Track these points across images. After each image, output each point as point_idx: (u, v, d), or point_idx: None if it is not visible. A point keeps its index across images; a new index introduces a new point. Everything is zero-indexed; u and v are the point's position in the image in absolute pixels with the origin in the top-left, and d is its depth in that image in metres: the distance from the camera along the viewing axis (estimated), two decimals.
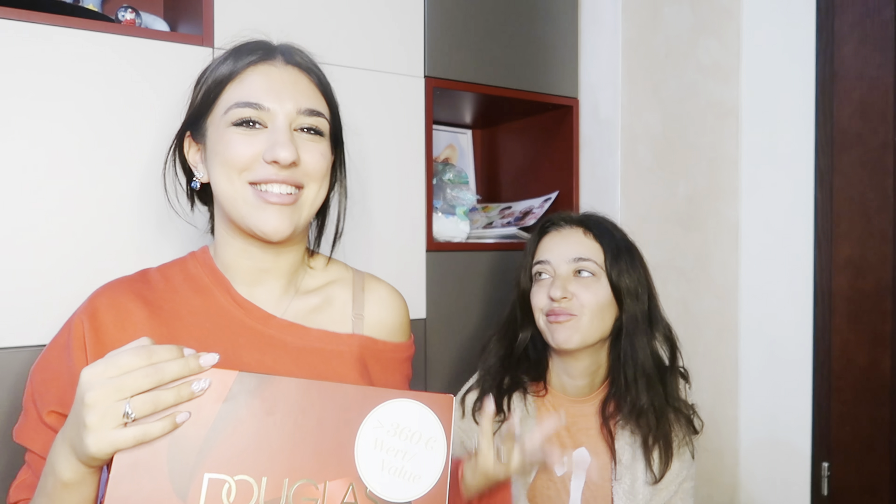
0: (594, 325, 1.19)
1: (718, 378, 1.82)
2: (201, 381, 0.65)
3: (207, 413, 0.66)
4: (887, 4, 1.61)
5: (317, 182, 0.85)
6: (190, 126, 0.88)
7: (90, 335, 0.81)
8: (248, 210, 0.81)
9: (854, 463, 1.67)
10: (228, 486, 0.66)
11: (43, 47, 1.07)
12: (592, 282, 1.20)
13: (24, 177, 1.06)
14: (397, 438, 0.72)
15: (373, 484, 0.71)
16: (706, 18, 1.77)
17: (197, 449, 0.66)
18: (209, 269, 0.89)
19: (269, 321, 0.87)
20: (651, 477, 1.19)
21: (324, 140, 0.86)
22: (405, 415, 0.72)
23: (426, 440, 0.73)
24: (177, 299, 0.86)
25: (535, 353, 1.28)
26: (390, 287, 1.01)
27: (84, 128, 1.10)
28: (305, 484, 0.68)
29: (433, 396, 0.74)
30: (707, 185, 1.79)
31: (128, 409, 0.62)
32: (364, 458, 0.71)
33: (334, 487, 0.69)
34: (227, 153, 0.81)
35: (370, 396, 0.72)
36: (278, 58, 0.85)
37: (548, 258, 1.23)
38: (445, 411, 0.74)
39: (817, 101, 1.71)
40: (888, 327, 1.62)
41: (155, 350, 0.64)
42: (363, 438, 0.71)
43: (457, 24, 1.50)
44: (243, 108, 0.81)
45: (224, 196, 0.83)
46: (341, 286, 0.96)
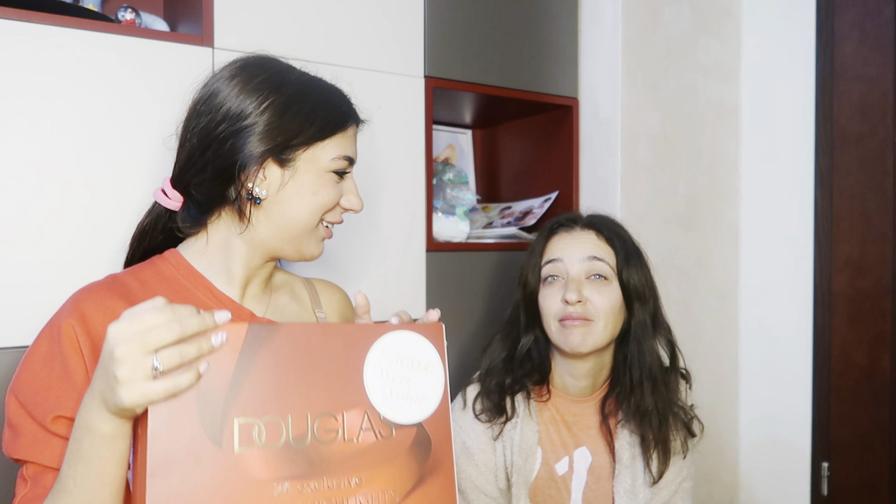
0: (607, 329, 1.19)
1: (718, 378, 1.82)
2: (219, 335, 0.69)
3: (227, 364, 0.71)
4: (887, 4, 1.61)
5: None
6: (282, 150, 0.89)
7: (83, 338, 0.81)
8: (311, 239, 0.92)
9: (854, 463, 1.67)
10: (258, 427, 0.71)
11: (43, 47, 1.07)
12: (605, 285, 1.19)
13: (23, 177, 1.06)
14: (400, 366, 0.80)
15: (385, 410, 0.78)
16: (706, 18, 1.77)
17: (223, 398, 0.70)
18: (186, 270, 0.91)
19: (252, 319, 0.93)
20: (650, 478, 1.19)
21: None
22: (403, 344, 0.81)
23: (425, 365, 0.81)
24: None
25: (539, 355, 1.27)
26: (332, 283, 1.11)
27: (83, 128, 1.10)
28: (326, 416, 0.75)
29: (424, 326, 0.83)
30: (707, 185, 1.79)
31: (155, 362, 0.65)
32: (373, 387, 0.78)
33: (352, 417, 0.76)
34: (326, 197, 0.91)
35: (369, 332, 0.79)
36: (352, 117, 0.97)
37: (560, 256, 1.22)
38: (437, 337, 0.83)
39: (817, 101, 1.71)
40: (888, 327, 1.62)
41: (175, 308, 0.67)
42: (370, 369, 0.78)
43: (457, 24, 1.50)
44: (342, 160, 0.92)
45: (293, 222, 0.90)
46: (298, 286, 1.05)
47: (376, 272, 1.39)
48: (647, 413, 1.19)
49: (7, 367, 1.05)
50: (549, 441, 1.23)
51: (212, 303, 0.90)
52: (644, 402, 1.19)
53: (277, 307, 0.98)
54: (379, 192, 1.39)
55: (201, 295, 0.90)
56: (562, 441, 1.23)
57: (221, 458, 0.69)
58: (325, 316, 1.03)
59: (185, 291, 0.89)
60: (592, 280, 1.20)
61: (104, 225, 1.12)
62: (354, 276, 1.36)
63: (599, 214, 1.28)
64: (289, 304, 1.00)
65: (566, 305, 1.18)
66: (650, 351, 1.22)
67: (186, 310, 0.68)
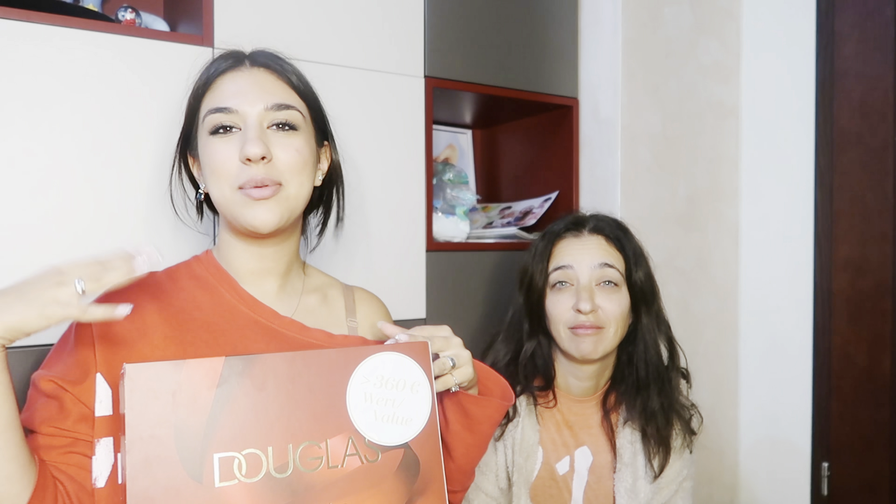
0: (617, 335, 1.20)
1: (718, 378, 1.82)
2: (142, 261, 0.73)
3: (204, 399, 0.71)
4: (887, 4, 1.61)
5: (295, 176, 0.87)
6: (185, 142, 0.94)
7: (98, 327, 0.83)
8: (238, 210, 0.86)
9: (854, 463, 1.67)
10: (238, 461, 0.71)
11: (43, 47, 1.07)
12: (615, 292, 1.19)
13: (24, 177, 1.06)
14: (384, 389, 0.79)
15: (370, 433, 0.78)
16: (706, 18, 1.77)
17: (202, 434, 0.70)
18: (214, 269, 0.93)
19: (274, 318, 0.91)
20: (651, 473, 1.19)
21: (298, 134, 0.88)
22: (387, 366, 0.80)
23: (411, 385, 0.80)
24: (184, 296, 0.90)
25: (543, 358, 1.26)
26: (376, 297, 1.08)
27: (83, 128, 1.10)
28: (309, 445, 0.75)
29: (409, 345, 0.82)
30: (707, 185, 1.79)
31: (78, 285, 0.69)
32: (357, 411, 0.77)
33: (335, 443, 0.76)
34: (213, 163, 0.86)
35: (351, 356, 0.78)
36: (245, 63, 0.90)
37: (570, 263, 1.20)
38: (423, 356, 0.82)
39: (817, 101, 1.71)
40: (888, 327, 1.62)
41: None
42: (353, 394, 0.78)
43: (457, 24, 1.50)
44: (215, 113, 0.85)
45: (219, 203, 0.88)
46: (335, 291, 1.03)
47: (376, 272, 1.39)
48: (654, 413, 1.20)
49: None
50: (549, 441, 1.23)
51: (235, 300, 0.90)
52: (651, 403, 1.20)
53: (306, 309, 0.97)
54: (379, 192, 1.39)
55: (226, 293, 0.91)
56: (563, 441, 1.23)
57: (202, 494, 0.69)
58: (356, 325, 1.01)
59: (212, 289, 0.91)
60: (603, 287, 1.19)
61: (105, 224, 1.12)
62: (354, 276, 1.36)
63: (604, 216, 1.27)
64: (318, 308, 0.98)
65: (578, 314, 1.17)
66: (656, 351, 1.23)
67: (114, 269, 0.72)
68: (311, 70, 0.96)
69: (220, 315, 0.89)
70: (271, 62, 0.90)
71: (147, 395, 0.69)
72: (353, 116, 1.35)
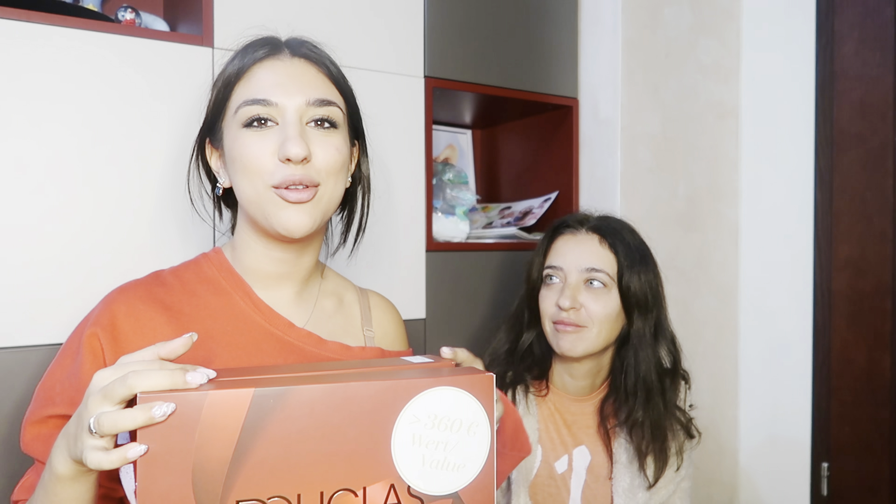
0: (601, 336, 1.19)
1: (718, 378, 1.82)
2: (162, 407, 0.58)
3: (228, 437, 0.62)
4: (887, 4, 1.61)
5: (332, 177, 0.82)
6: (208, 132, 0.87)
7: (108, 346, 0.79)
8: (271, 209, 0.80)
9: (854, 463, 1.67)
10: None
11: (43, 47, 1.07)
12: (603, 293, 1.19)
13: (24, 177, 1.06)
14: (436, 430, 0.67)
15: (415, 481, 0.67)
16: (706, 18, 1.77)
17: (223, 477, 0.62)
18: (227, 272, 0.88)
19: (290, 330, 0.86)
20: (645, 482, 1.19)
21: (338, 132, 0.83)
22: (443, 404, 0.67)
23: (468, 426, 0.69)
24: (195, 302, 0.85)
25: (540, 350, 1.27)
26: (388, 301, 1.04)
27: (83, 128, 1.10)
28: (343, 493, 0.65)
29: (471, 379, 0.69)
30: (707, 185, 1.79)
31: (91, 424, 0.59)
32: (402, 456, 0.66)
33: (374, 491, 0.66)
34: (244, 156, 0.80)
35: (402, 390, 0.66)
36: (284, 51, 0.84)
37: (560, 264, 1.21)
38: (486, 392, 0.69)
39: (817, 101, 1.71)
40: (888, 327, 1.62)
41: (163, 364, 0.62)
42: (399, 436, 0.66)
43: (457, 24, 1.50)
44: (251, 105, 0.80)
45: (247, 200, 0.82)
46: (350, 296, 0.98)
47: (376, 272, 1.39)
48: (638, 424, 1.19)
49: (8, 366, 1.05)
50: (548, 439, 1.23)
51: (249, 309, 0.85)
52: (635, 413, 1.19)
53: (322, 316, 0.91)
54: (379, 192, 1.39)
55: (240, 300, 0.86)
56: (561, 439, 1.23)
57: None
58: (373, 335, 0.95)
59: (224, 295, 0.86)
60: (589, 286, 1.19)
61: (106, 224, 1.12)
62: (355, 276, 1.36)
63: (609, 217, 1.27)
64: (334, 316, 0.93)
65: (560, 310, 1.18)
66: (647, 360, 1.20)
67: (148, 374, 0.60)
68: None
69: (235, 325, 0.84)
70: (312, 52, 0.85)
71: (164, 429, 0.60)
72: None
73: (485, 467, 0.69)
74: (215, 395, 0.61)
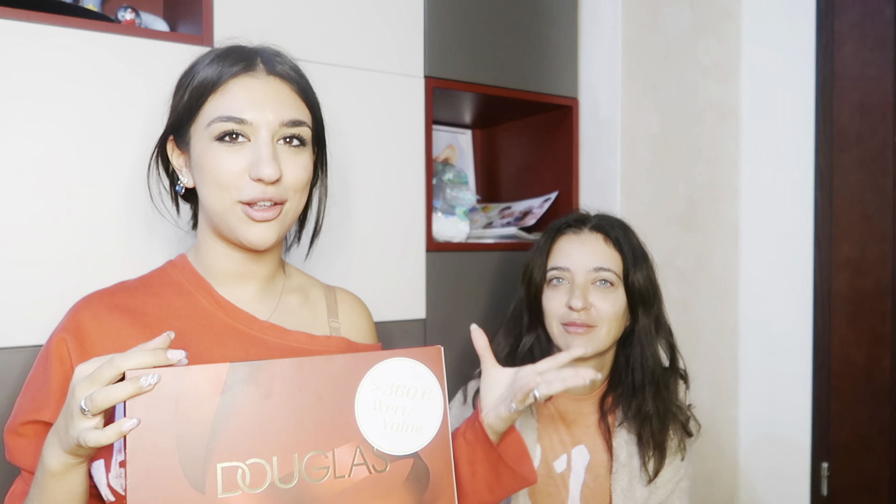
0: (610, 334, 1.19)
1: (718, 378, 1.82)
2: (148, 377, 0.66)
3: (208, 407, 0.69)
4: (887, 4, 1.61)
5: (298, 193, 0.86)
6: (173, 131, 0.89)
7: (75, 350, 0.82)
8: (236, 223, 0.83)
9: (854, 463, 1.67)
10: (242, 471, 0.70)
11: (43, 47, 1.06)
12: (610, 291, 1.19)
13: (23, 177, 1.06)
14: (394, 396, 0.76)
15: (378, 442, 0.75)
16: (706, 18, 1.77)
17: (205, 443, 0.69)
18: (189, 273, 0.91)
19: (252, 322, 0.89)
20: (646, 477, 1.20)
21: (305, 150, 0.87)
22: (398, 372, 0.77)
23: (422, 392, 0.78)
24: (159, 303, 0.88)
25: (541, 353, 1.27)
26: (357, 297, 1.07)
27: (83, 128, 1.10)
28: (315, 455, 0.73)
29: (422, 350, 0.79)
30: (707, 185, 1.79)
31: (83, 404, 0.65)
32: (365, 420, 0.75)
33: (342, 452, 0.74)
34: (215, 171, 0.82)
35: (361, 362, 0.76)
36: (260, 68, 0.85)
37: (566, 265, 1.21)
38: (436, 362, 0.79)
39: (817, 101, 1.71)
40: (888, 327, 1.62)
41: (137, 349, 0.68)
42: (361, 402, 0.75)
43: (457, 24, 1.50)
44: (226, 122, 0.82)
45: (213, 211, 0.85)
46: (316, 291, 1.01)
47: (376, 272, 1.39)
48: (649, 416, 1.19)
49: (6, 366, 1.05)
50: (547, 439, 1.23)
51: (211, 306, 0.88)
52: (646, 406, 1.20)
53: (286, 311, 0.94)
54: (379, 192, 1.39)
55: (202, 298, 0.89)
56: (560, 439, 1.24)
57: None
58: (339, 326, 0.99)
59: (188, 296, 0.89)
60: (598, 286, 1.19)
61: (104, 224, 1.12)
62: (354, 276, 1.36)
63: (607, 216, 1.27)
64: (299, 310, 0.96)
65: (570, 311, 1.18)
66: (653, 354, 1.22)
67: (133, 353, 0.66)
68: (311, 70, 0.95)
69: (198, 323, 0.87)
70: (286, 71, 0.87)
71: (149, 404, 0.67)
72: (353, 116, 1.35)
73: (440, 429, 0.78)
74: (195, 368, 0.69)
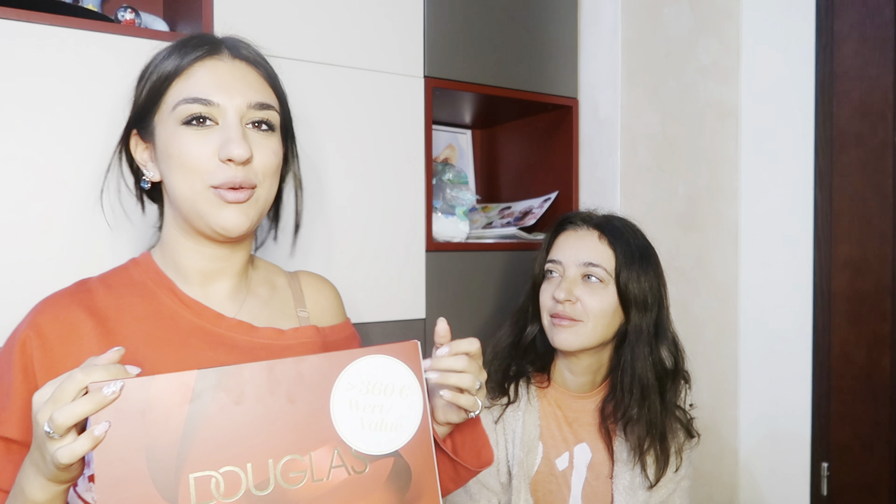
0: (596, 331, 1.19)
1: (718, 378, 1.82)
2: (110, 386, 0.64)
3: (177, 416, 0.67)
4: (887, 4, 1.61)
5: (269, 178, 0.84)
6: (136, 124, 0.86)
7: (38, 353, 0.79)
8: (207, 208, 0.81)
9: (854, 463, 1.67)
10: (215, 480, 0.67)
11: (42, 47, 1.06)
12: (600, 288, 1.20)
13: (22, 177, 1.06)
14: (371, 394, 0.74)
15: (356, 443, 0.73)
16: (706, 18, 1.77)
17: (175, 453, 0.66)
18: (153, 273, 0.88)
19: (219, 321, 0.86)
20: (646, 482, 1.19)
21: (274, 135, 0.85)
22: (373, 370, 0.74)
23: (400, 389, 0.75)
24: (121, 306, 0.84)
25: (544, 344, 1.29)
26: (321, 276, 1.04)
27: (82, 128, 1.10)
28: (291, 459, 0.70)
29: (397, 346, 0.75)
30: (707, 185, 1.79)
31: (46, 427, 0.63)
32: (342, 421, 0.72)
33: (320, 455, 0.71)
34: (183, 156, 0.80)
35: (334, 361, 0.73)
36: (225, 52, 0.84)
37: (559, 258, 1.23)
38: (412, 357, 0.76)
39: (817, 101, 1.71)
40: (888, 327, 1.62)
41: (84, 367, 0.65)
42: (337, 403, 0.72)
43: (457, 24, 1.50)
44: (192, 104, 0.80)
45: (182, 198, 0.82)
46: (280, 280, 0.98)
47: (376, 272, 1.39)
48: (633, 421, 1.19)
49: None
50: (549, 436, 1.24)
51: (175, 305, 0.85)
52: (630, 411, 1.19)
53: (256, 303, 0.91)
54: (379, 192, 1.39)
55: (165, 297, 0.86)
56: (562, 436, 1.24)
57: None
58: (307, 315, 0.96)
59: (150, 294, 0.86)
60: (587, 281, 1.20)
61: (103, 225, 1.12)
62: (354, 276, 1.36)
63: (614, 216, 1.28)
64: (266, 304, 0.93)
65: (556, 303, 1.20)
66: (643, 359, 1.20)
67: (91, 368, 0.64)
68: (311, 70, 0.95)
69: (160, 323, 0.84)
70: (252, 56, 0.85)
71: (114, 417, 0.65)
72: (352, 116, 1.35)
73: (421, 426, 0.75)
74: (161, 378, 0.67)
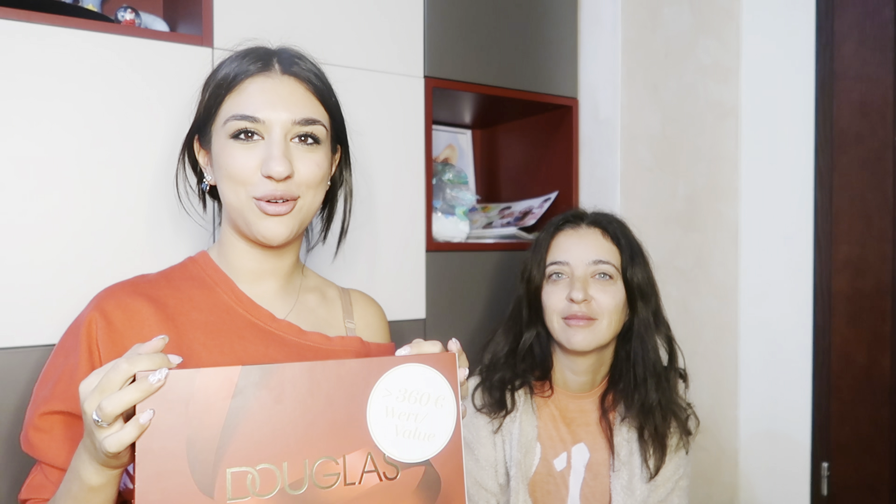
0: (611, 327, 1.20)
1: (718, 378, 1.82)
2: (156, 374, 0.65)
3: (219, 410, 0.68)
4: (887, 4, 1.61)
5: (312, 189, 0.88)
6: (198, 131, 0.92)
7: (103, 333, 0.83)
8: (251, 217, 0.85)
9: (854, 463, 1.67)
10: (251, 476, 0.69)
11: (43, 47, 1.07)
12: (609, 284, 1.20)
13: (23, 177, 1.06)
14: (407, 402, 0.75)
15: (389, 449, 0.74)
16: (706, 18, 1.77)
17: (214, 447, 0.68)
18: (212, 269, 0.93)
19: (271, 320, 0.91)
20: (647, 473, 1.20)
21: (320, 148, 0.88)
22: (411, 379, 0.75)
23: (435, 399, 0.76)
24: (180, 296, 0.89)
25: (541, 350, 1.28)
26: (372, 298, 1.08)
27: (83, 128, 1.10)
28: (325, 461, 0.72)
29: (435, 356, 0.77)
30: (707, 185, 1.79)
31: (95, 415, 0.65)
32: (377, 426, 0.74)
33: (353, 459, 0.73)
34: (230, 167, 0.84)
35: (374, 367, 0.74)
36: (275, 68, 0.87)
37: (566, 259, 1.22)
38: (450, 369, 0.77)
39: (817, 101, 1.71)
40: (888, 327, 1.62)
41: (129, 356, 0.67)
42: (374, 408, 0.74)
43: (456, 24, 1.50)
44: (239, 120, 0.84)
45: (230, 206, 0.87)
46: (332, 292, 1.03)
47: (376, 272, 1.39)
48: (652, 409, 1.20)
49: (6, 367, 1.05)
50: (547, 437, 1.23)
51: (232, 302, 0.90)
52: (649, 399, 1.20)
53: (304, 309, 0.96)
54: (379, 192, 1.39)
55: (223, 293, 0.90)
56: (560, 437, 1.24)
57: None
58: (354, 327, 1.00)
59: (209, 290, 0.91)
60: (598, 279, 1.21)
61: (104, 225, 1.12)
62: (354, 276, 1.36)
63: (603, 212, 1.29)
64: (317, 308, 0.98)
65: (571, 304, 1.19)
66: (653, 348, 1.23)
67: (135, 357, 0.66)
68: None
69: (217, 316, 0.89)
70: (302, 72, 0.88)
71: (159, 406, 0.66)
72: (352, 116, 1.35)
73: (453, 437, 0.77)
74: (206, 371, 0.68)
